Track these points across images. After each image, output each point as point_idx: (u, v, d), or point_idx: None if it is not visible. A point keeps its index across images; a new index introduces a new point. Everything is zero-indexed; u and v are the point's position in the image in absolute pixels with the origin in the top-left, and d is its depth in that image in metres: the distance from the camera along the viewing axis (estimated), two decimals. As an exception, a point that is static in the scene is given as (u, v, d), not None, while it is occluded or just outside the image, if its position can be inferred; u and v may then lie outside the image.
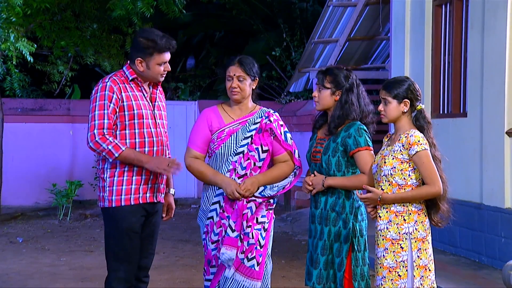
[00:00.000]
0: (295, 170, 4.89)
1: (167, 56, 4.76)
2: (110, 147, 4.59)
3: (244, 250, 4.73)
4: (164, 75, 4.84)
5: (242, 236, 4.73)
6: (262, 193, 4.76)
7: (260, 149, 4.80)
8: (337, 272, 4.77)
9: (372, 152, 4.73)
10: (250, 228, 4.74)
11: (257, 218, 4.78)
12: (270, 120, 4.82)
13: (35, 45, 11.43)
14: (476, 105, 8.30)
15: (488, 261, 8.00)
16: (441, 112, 9.21)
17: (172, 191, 5.04)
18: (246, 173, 4.77)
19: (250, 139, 4.80)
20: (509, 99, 7.78)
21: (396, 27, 10.12)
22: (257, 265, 4.75)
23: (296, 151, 4.87)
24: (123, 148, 4.61)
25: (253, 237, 4.73)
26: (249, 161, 4.78)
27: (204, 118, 4.89)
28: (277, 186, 4.82)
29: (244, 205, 4.74)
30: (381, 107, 4.49)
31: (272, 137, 4.83)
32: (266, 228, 4.81)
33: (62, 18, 12.17)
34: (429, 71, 9.34)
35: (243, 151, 4.78)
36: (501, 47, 7.84)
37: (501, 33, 7.85)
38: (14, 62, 11.89)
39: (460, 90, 8.89)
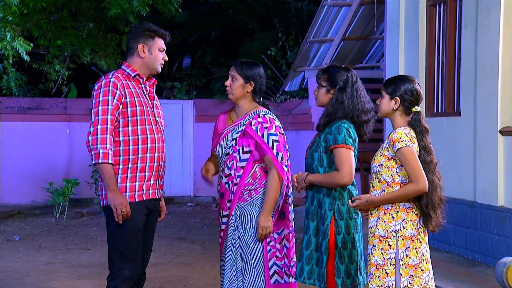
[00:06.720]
0: (281, 190, 4.90)
1: (164, 44, 4.93)
2: (101, 151, 4.56)
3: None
4: (162, 65, 4.96)
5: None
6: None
7: (241, 150, 4.91)
8: (317, 268, 4.85)
9: (351, 151, 4.75)
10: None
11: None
12: (250, 123, 4.91)
13: (32, 44, 11.47)
14: (470, 104, 8.36)
15: (481, 258, 8.06)
16: (435, 111, 9.27)
17: (163, 193, 5.06)
18: (230, 173, 4.93)
19: (235, 140, 4.94)
20: (502, 98, 7.83)
21: (391, 27, 10.18)
22: (289, 277, 4.96)
23: (280, 154, 4.85)
24: (110, 161, 4.59)
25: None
26: (233, 161, 4.93)
27: (216, 122, 5.18)
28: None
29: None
30: (378, 101, 4.57)
31: (254, 139, 4.91)
32: (286, 238, 4.98)
33: (58, 17, 12.19)
34: (423, 70, 9.40)
35: (229, 152, 4.95)
36: (494, 46, 7.90)
37: (494, 33, 7.91)
38: (10, 61, 11.95)
39: (454, 89, 8.95)
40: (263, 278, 4.88)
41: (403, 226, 4.38)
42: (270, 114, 4.98)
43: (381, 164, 4.44)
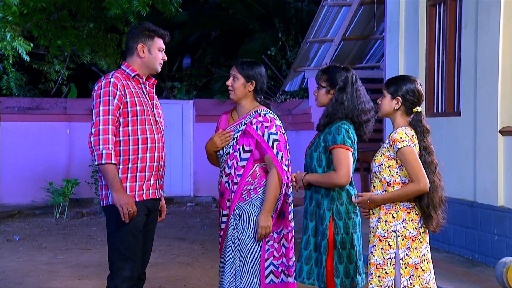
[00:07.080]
0: (281, 190, 4.90)
1: (163, 44, 4.93)
2: (104, 151, 4.57)
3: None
4: (161, 65, 4.96)
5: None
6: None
7: (241, 149, 4.92)
8: (317, 268, 4.86)
9: (349, 152, 4.76)
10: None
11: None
12: (251, 122, 4.92)
13: (32, 44, 11.46)
14: (470, 104, 8.36)
15: (481, 258, 8.06)
16: (435, 111, 9.27)
17: (163, 193, 5.07)
18: (231, 172, 4.93)
19: (235, 139, 4.94)
20: (502, 98, 7.84)
21: (391, 27, 10.18)
22: (287, 277, 4.93)
23: (280, 153, 4.85)
24: (113, 162, 4.60)
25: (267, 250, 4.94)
26: (233, 160, 4.93)
27: (218, 121, 5.19)
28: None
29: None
30: (379, 100, 4.57)
31: (255, 138, 4.91)
32: (285, 237, 4.95)
33: (58, 17, 12.18)
34: (423, 70, 9.40)
35: (230, 151, 4.95)
36: (494, 46, 7.90)
37: (494, 32, 7.91)
38: (10, 61, 11.93)
39: (454, 89, 8.95)
40: (259, 278, 4.88)
41: (404, 226, 4.37)
42: (271, 113, 4.98)
43: (382, 164, 4.43)
